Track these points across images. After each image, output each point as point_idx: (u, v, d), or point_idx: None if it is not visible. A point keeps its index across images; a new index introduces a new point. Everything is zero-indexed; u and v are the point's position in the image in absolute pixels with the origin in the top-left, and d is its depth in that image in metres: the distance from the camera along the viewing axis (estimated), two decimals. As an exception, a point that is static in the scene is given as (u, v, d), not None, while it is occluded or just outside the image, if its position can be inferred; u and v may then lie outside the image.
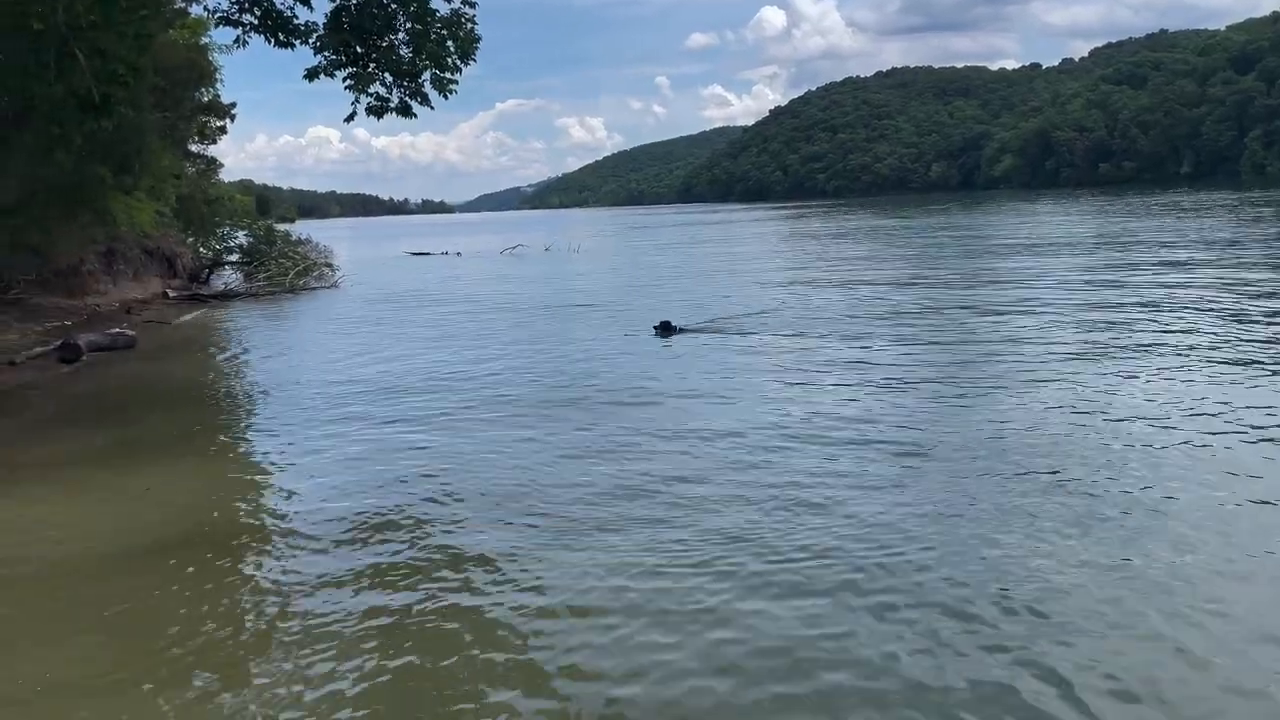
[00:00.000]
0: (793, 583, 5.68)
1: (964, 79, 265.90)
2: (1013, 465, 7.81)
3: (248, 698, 4.64)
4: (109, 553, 6.74)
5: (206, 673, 4.92)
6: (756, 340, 15.44)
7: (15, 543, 6.95)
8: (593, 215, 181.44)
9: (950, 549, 6.07)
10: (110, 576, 6.30)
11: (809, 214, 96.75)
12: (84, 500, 8.07)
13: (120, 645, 5.29)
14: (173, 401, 13.32)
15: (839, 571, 5.80)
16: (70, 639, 5.37)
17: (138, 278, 28.14)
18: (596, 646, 4.94)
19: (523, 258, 46.44)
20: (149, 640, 5.32)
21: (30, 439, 10.64)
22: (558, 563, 6.10)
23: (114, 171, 21.90)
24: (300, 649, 5.09)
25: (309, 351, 17.45)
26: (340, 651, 5.01)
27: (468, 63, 15.97)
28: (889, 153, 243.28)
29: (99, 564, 6.53)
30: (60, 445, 10.19)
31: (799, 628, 5.05)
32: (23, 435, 10.91)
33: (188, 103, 29.33)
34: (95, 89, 14.43)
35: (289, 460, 9.34)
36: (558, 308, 22.30)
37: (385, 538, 6.78)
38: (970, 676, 4.52)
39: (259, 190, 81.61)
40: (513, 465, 8.57)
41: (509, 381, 13.06)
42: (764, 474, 7.87)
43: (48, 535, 7.10)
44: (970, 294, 20.32)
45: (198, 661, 5.05)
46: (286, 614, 5.59)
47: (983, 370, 12.08)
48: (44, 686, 4.81)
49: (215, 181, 36.42)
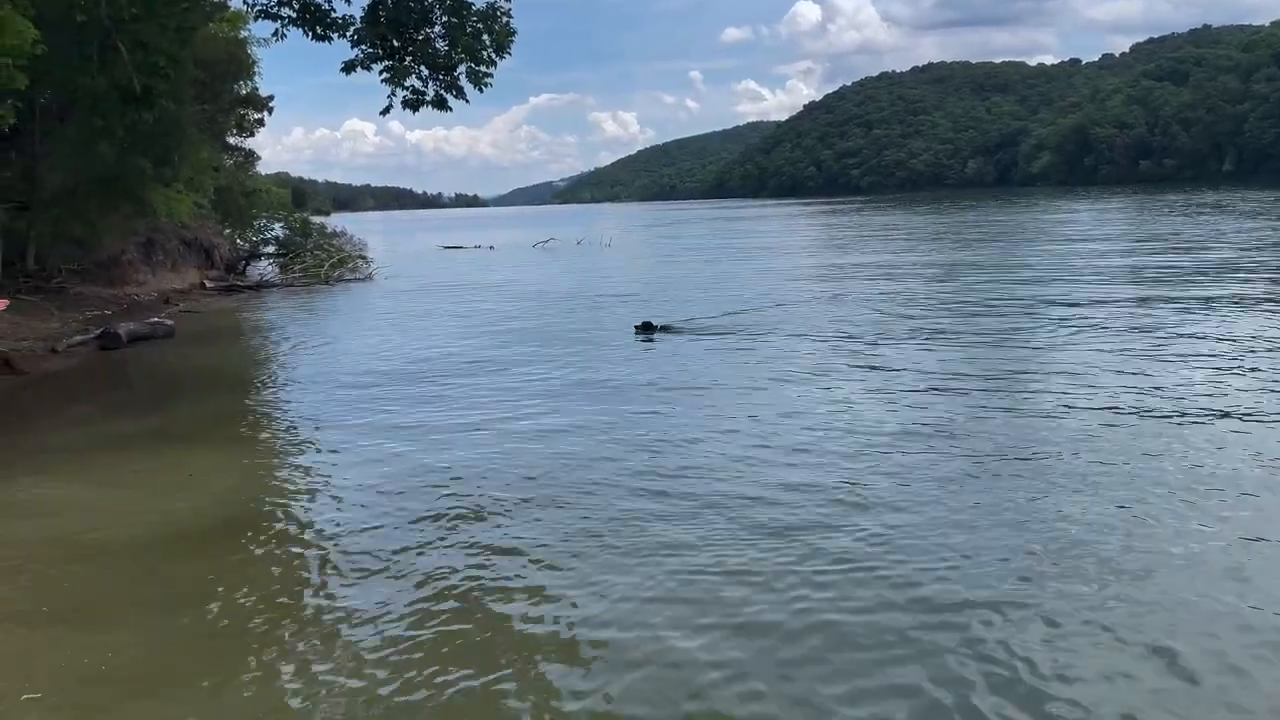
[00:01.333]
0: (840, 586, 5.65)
1: (1002, 74, 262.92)
2: (1050, 465, 7.72)
3: (285, 683, 4.70)
4: (148, 537, 6.84)
5: (245, 657, 4.99)
6: (734, 339, 15.24)
7: (58, 525, 7.07)
8: (624, 210, 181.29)
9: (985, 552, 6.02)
10: (150, 560, 6.40)
11: (842, 210, 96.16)
12: (124, 486, 8.19)
13: (160, 627, 5.37)
14: (210, 389, 13.50)
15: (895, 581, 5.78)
16: (111, 619, 5.46)
17: (176, 268, 28.52)
18: (632, 642, 4.93)
19: (555, 252, 46.55)
20: (188, 622, 5.40)
21: (72, 425, 10.84)
22: (593, 556, 6.11)
23: (154, 163, 22.23)
24: (336, 636, 5.16)
25: (343, 342, 17.61)
26: (377, 641, 5.06)
27: (503, 56, 16.04)
28: (924, 149, 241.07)
29: (139, 547, 6.64)
30: (100, 431, 10.37)
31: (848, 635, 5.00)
32: (65, 421, 11.11)
33: (226, 95, 29.70)
34: (137, 81, 14.65)
35: (324, 448, 9.45)
36: (591, 299, 22.30)
37: (419, 525, 6.84)
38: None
39: (295, 183, 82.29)
40: (547, 454, 8.61)
41: (542, 371, 13.11)
42: (784, 472, 7.85)
43: (89, 519, 7.22)
44: (1001, 294, 20.07)
45: (235, 645, 5.11)
46: (322, 600, 5.65)
47: (1010, 370, 11.95)
48: (85, 666, 4.89)
49: (252, 174, 36.82)
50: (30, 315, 18.37)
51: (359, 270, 32.90)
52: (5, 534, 6.94)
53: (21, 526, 7.10)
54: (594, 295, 23.55)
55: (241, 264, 33.50)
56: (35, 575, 6.15)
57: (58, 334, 17.21)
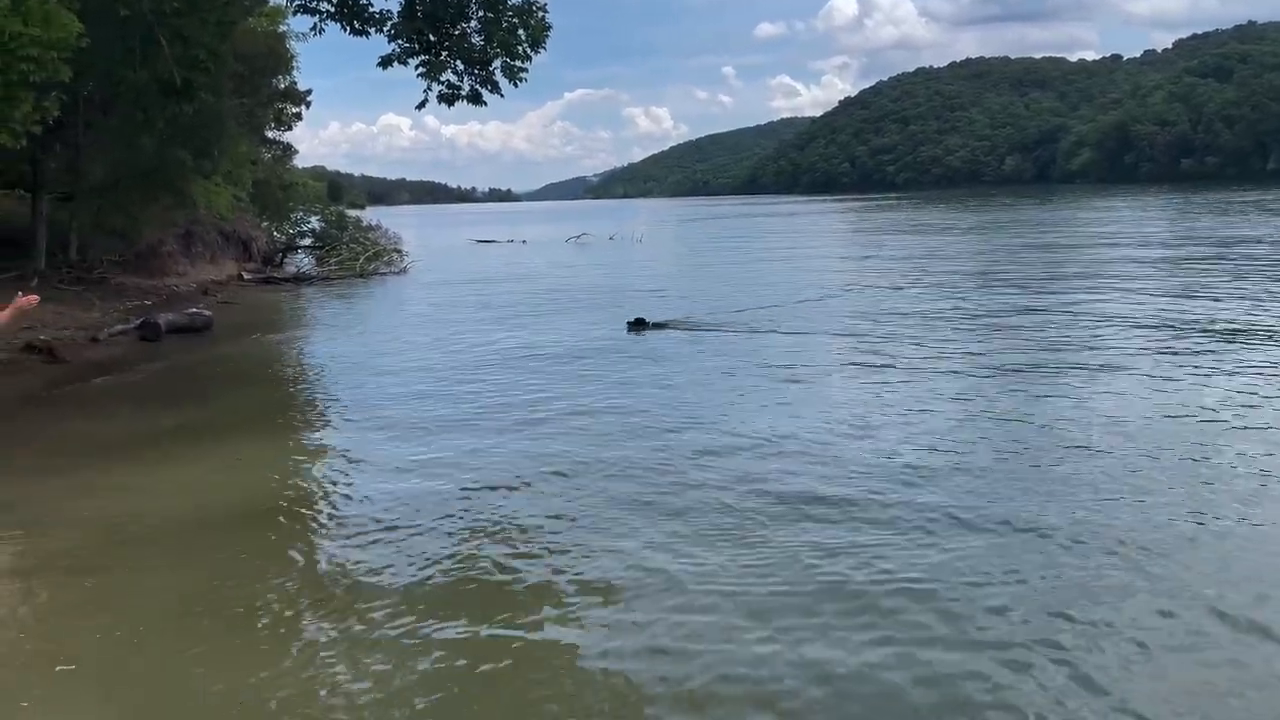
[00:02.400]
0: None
1: (1041, 70, 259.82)
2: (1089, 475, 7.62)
3: (322, 666, 4.75)
4: (189, 520, 6.95)
5: (279, 632, 5.10)
6: (732, 336, 15.16)
7: (101, 509, 7.20)
8: (657, 205, 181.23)
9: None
10: (190, 542, 6.50)
11: (877, 207, 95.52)
12: (164, 471, 8.32)
13: (201, 607, 5.47)
14: (248, 380, 13.67)
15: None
16: (150, 597, 5.56)
17: (214, 260, 28.89)
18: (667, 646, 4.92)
19: (587, 246, 46.65)
20: (225, 600, 5.51)
21: (113, 413, 11.02)
22: (632, 554, 6.08)
23: (194, 156, 22.53)
24: (372, 623, 5.19)
25: (378, 333, 17.76)
26: (413, 631, 5.09)
27: (538, 51, 16.13)
28: (961, 145, 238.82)
29: (180, 530, 6.74)
30: (140, 419, 10.53)
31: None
32: (106, 409, 11.30)
33: (265, 89, 30.02)
34: (178, 74, 14.89)
35: (360, 437, 9.54)
36: (620, 294, 22.29)
37: (455, 518, 6.87)
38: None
39: (331, 176, 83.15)
40: (587, 449, 8.61)
41: (571, 363, 13.15)
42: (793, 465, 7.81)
43: (131, 503, 7.34)
44: (1034, 297, 19.84)
45: (270, 622, 5.20)
46: (358, 589, 5.70)
47: (1041, 374, 11.81)
48: (119, 640, 5.00)
49: (290, 167, 37.24)
50: (72, 305, 18.67)
51: (393, 264, 33.16)
52: (54, 516, 7.08)
53: (67, 509, 7.24)
54: (624, 290, 23.55)
55: (278, 256, 33.87)
56: (81, 555, 6.28)
57: (99, 323, 17.49)
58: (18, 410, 10.82)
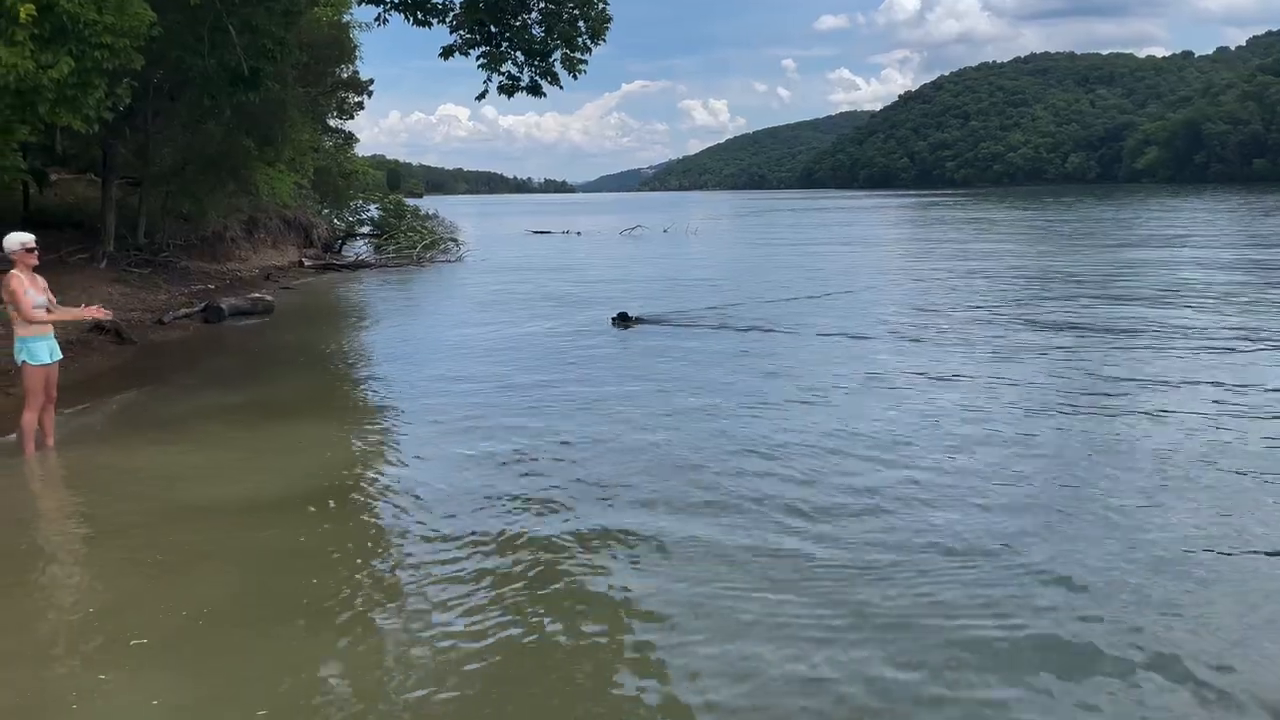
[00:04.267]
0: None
1: (1109, 66, 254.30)
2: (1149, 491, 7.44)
3: (369, 649, 4.83)
4: (249, 500, 7.09)
5: (334, 613, 5.18)
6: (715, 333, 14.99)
7: (168, 488, 7.39)
8: (712, 198, 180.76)
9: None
10: (250, 521, 6.64)
11: (937, 203, 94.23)
12: (224, 453, 8.50)
13: (258, 584, 5.62)
14: (307, 364, 13.91)
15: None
16: (212, 574, 5.71)
17: (276, 246, 29.46)
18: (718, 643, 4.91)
19: (641, 239, 46.67)
20: (282, 579, 5.65)
21: (177, 394, 11.28)
22: (684, 544, 6.08)
23: (258, 143, 22.95)
24: (421, 609, 5.27)
25: (433, 320, 17.97)
26: (459, 618, 5.14)
27: (598, 42, 16.12)
28: (1023, 142, 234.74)
29: (240, 510, 6.88)
30: (204, 401, 10.76)
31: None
32: (171, 391, 11.57)
33: (328, 78, 30.45)
34: (245, 63, 15.15)
35: (417, 422, 9.67)
36: (671, 286, 22.26)
37: (507, 505, 6.92)
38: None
39: (390, 165, 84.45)
40: (641, 437, 8.62)
41: (619, 353, 13.17)
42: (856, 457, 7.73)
43: (192, 485, 7.51)
44: (1093, 306, 19.37)
45: (325, 606, 5.29)
46: (409, 566, 5.80)
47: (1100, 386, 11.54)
48: (187, 616, 5.13)
49: (350, 155, 37.75)
50: (139, 287, 19.16)
51: (450, 252, 33.52)
52: (121, 493, 7.30)
53: (135, 487, 7.45)
54: (675, 282, 23.51)
55: (338, 243, 34.41)
56: (147, 531, 6.45)
57: (165, 306, 17.92)
58: (86, 389, 11.12)
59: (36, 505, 7.47)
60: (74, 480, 7.82)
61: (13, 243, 8.14)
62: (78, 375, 11.77)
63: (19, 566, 6.02)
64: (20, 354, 8.11)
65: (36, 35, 10.21)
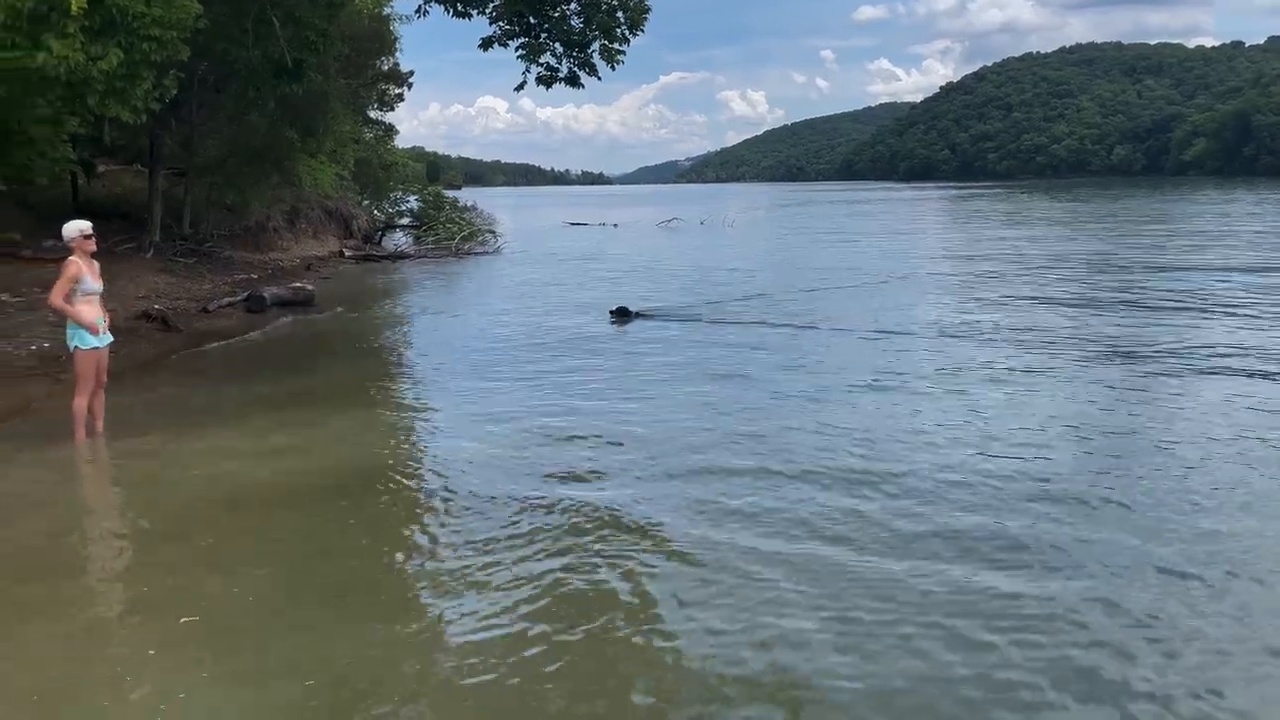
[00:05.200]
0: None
1: (1157, 56, 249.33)
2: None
3: (412, 630, 4.91)
4: (292, 486, 7.23)
5: (377, 599, 5.28)
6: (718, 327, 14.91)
7: (208, 474, 7.53)
8: (750, 190, 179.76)
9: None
10: (294, 509, 6.76)
11: (980, 195, 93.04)
12: (267, 439, 8.62)
13: (304, 565, 5.75)
14: (348, 353, 14.09)
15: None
16: (257, 557, 5.83)
17: (317, 236, 29.83)
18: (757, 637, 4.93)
19: (678, 230, 46.60)
20: (323, 564, 5.75)
21: (221, 380, 11.48)
22: (720, 540, 6.09)
23: (301, 134, 23.24)
24: (462, 591, 5.35)
25: (471, 310, 18.08)
26: (501, 602, 5.20)
27: (636, 33, 16.16)
28: (1068, 133, 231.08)
29: (283, 495, 7.02)
30: (247, 387, 10.94)
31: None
32: (215, 377, 11.78)
33: (369, 70, 30.73)
34: (289, 54, 15.35)
35: (456, 409, 9.79)
36: (704, 277, 22.24)
37: (545, 493, 6.98)
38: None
39: (429, 157, 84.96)
40: (676, 429, 8.64)
41: (668, 345, 13.18)
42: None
43: (237, 469, 7.66)
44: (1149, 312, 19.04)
45: (370, 588, 5.42)
46: (451, 555, 5.86)
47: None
48: (234, 596, 5.26)
49: (390, 147, 38.05)
50: (184, 276, 19.50)
51: (488, 244, 33.70)
52: (168, 478, 7.47)
53: (182, 471, 7.61)
54: (710, 270, 23.47)
55: (378, 234, 34.73)
56: (195, 514, 6.59)
57: (209, 295, 18.23)
58: (133, 375, 11.35)
59: (87, 489, 7.67)
60: (123, 465, 8.00)
61: (71, 230, 8.36)
62: (125, 362, 11.99)
63: (70, 547, 6.20)
64: (73, 339, 8.30)
65: (86, 28, 10.43)
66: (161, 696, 4.21)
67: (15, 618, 5.04)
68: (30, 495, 7.07)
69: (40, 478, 7.51)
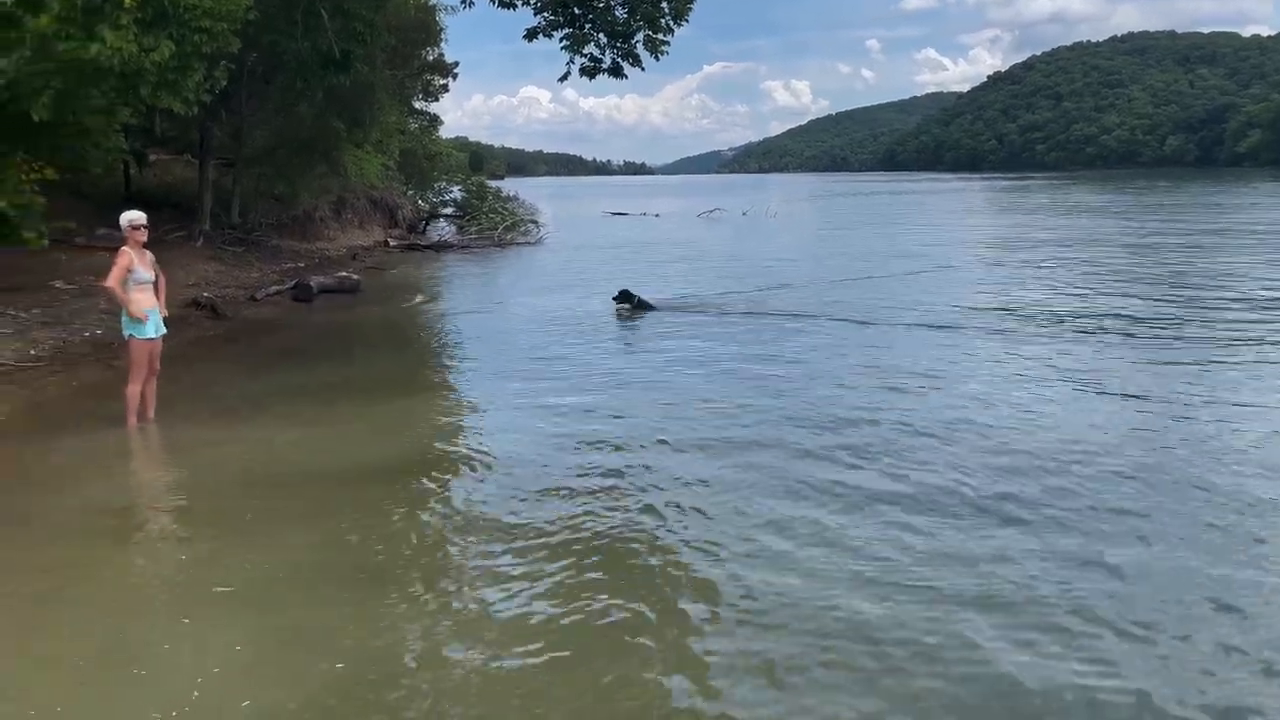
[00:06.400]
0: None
1: (1211, 45, 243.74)
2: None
3: (446, 612, 4.97)
4: (335, 472, 7.31)
5: (412, 580, 5.36)
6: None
7: (251, 458, 7.67)
8: (793, 180, 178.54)
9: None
10: (337, 491, 6.84)
11: (1029, 186, 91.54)
12: (312, 425, 8.75)
13: (340, 546, 5.85)
14: (391, 342, 14.22)
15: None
16: (292, 535, 5.97)
17: (363, 226, 30.10)
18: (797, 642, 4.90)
19: (720, 221, 46.43)
20: (366, 546, 5.84)
21: (270, 369, 11.64)
22: (763, 526, 6.07)
23: (347, 125, 23.44)
24: (496, 575, 5.40)
25: (514, 300, 18.13)
26: (535, 586, 5.24)
27: (680, 23, 16.10)
28: (1118, 124, 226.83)
29: (326, 480, 7.12)
30: (294, 375, 11.10)
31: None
32: (263, 364, 11.95)
33: (415, 61, 30.92)
34: (337, 46, 15.49)
35: (499, 398, 9.85)
36: (750, 268, 22.12)
37: (583, 479, 7.00)
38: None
39: (472, 147, 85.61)
40: (717, 421, 8.62)
41: (711, 339, 13.14)
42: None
43: (280, 454, 7.80)
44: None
45: (406, 569, 5.50)
46: (487, 540, 5.91)
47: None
48: (269, 569, 5.41)
49: (435, 138, 38.27)
50: (233, 265, 19.80)
51: (530, 234, 33.80)
52: (214, 462, 7.60)
53: (228, 456, 7.74)
54: (754, 260, 23.34)
55: (422, 224, 34.97)
56: (238, 496, 6.74)
57: (257, 283, 18.49)
58: (183, 362, 11.52)
59: (137, 472, 7.83)
60: (172, 449, 8.14)
61: (122, 221, 8.57)
62: (176, 349, 12.17)
63: (117, 521, 6.40)
64: (127, 328, 8.46)
65: (139, 20, 10.59)
66: (196, 666, 4.33)
67: (63, 583, 5.30)
68: (82, 474, 7.28)
69: (93, 458, 7.71)
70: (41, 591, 5.21)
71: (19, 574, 5.43)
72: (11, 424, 8.72)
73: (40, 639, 4.67)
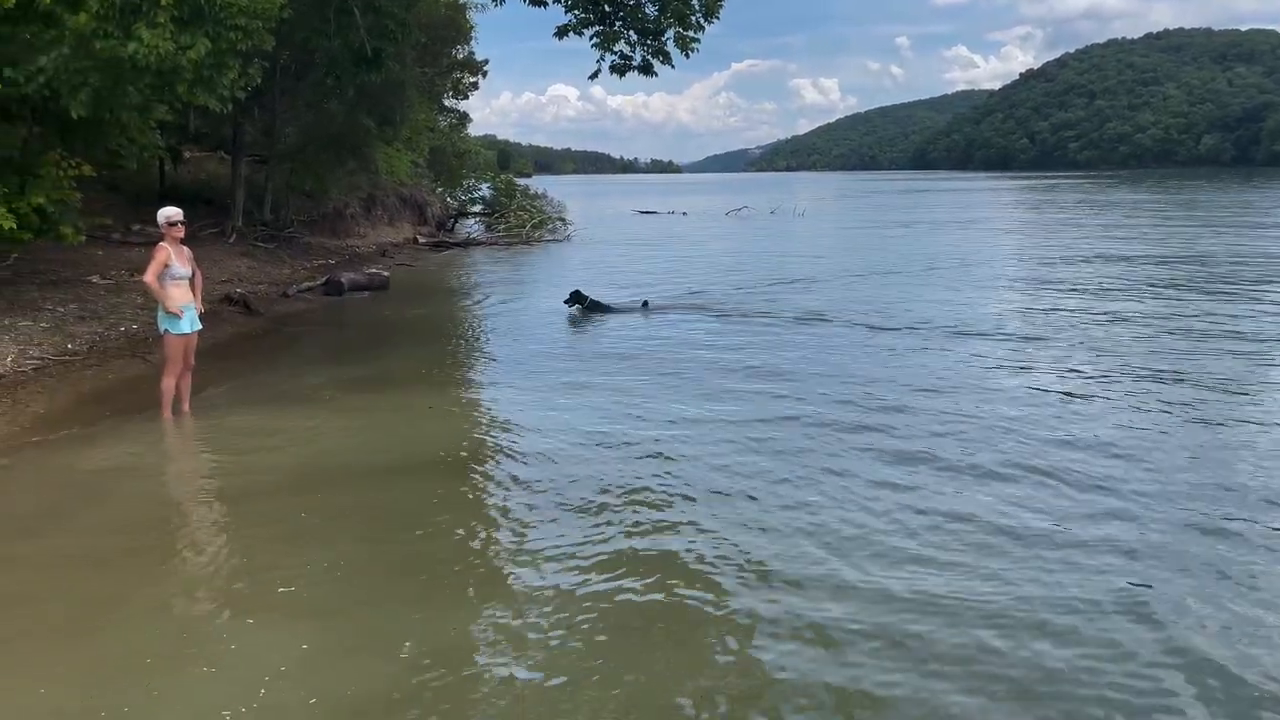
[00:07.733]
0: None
1: (1248, 42, 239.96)
2: None
3: (495, 604, 5.02)
4: (375, 467, 7.37)
5: (464, 574, 5.45)
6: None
7: (292, 453, 7.74)
8: (821, 179, 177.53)
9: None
10: (378, 488, 6.90)
11: (1061, 186, 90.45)
12: (347, 420, 8.80)
13: (391, 541, 5.93)
14: (422, 338, 14.27)
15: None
16: (343, 535, 5.98)
17: (392, 223, 30.28)
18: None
19: (748, 219, 46.30)
20: (415, 540, 5.92)
21: (303, 364, 11.73)
22: (791, 541, 6.01)
23: (378, 122, 23.57)
24: (541, 567, 5.46)
25: (543, 297, 18.14)
26: (579, 579, 5.28)
27: (711, 20, 16.01)
28: (1153, 122, 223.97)
29: (364, 475, 7.17)
30: (327, 370, 11.16)
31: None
32: (298, 361, 12.04)
33: (445, 59, 31.06)
34: (368, 43, 15.53)
35: (530, 392, 9.91)
36: (775, 267, 22.05)
37: (617, 474, 7.01)
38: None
39: (500, 145, 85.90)
40: (749, 427, 8.57)
41: (741, 340, 13.09)
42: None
43: (321, 449, 7.87)
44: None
45: (455, 563, 5.60)
46: (530, 533, 5.98)
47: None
48: (324, 570, 5.45)
49: (464, 135, 38.43)
50: (265, 261, 19.97)
51: (558, 231, 33.86)
52: (253, 456, 7.70)
53: (266, 450, 7.84)
54: (784, 258, 23.25)
55: (451, 221, 35.14)
56: (282, 491, 6.81)
57: (288, 279, 18.65)
58: (217, 357, 11.64)
59: (175, 466, 7.91)
60: (209, 443, 8.23)
61: (159, 217, 8.72)
62: (209, 344, 12.32)
63: (164, 522, 6.42)
64: (163, 323, 8.56)
65: (176, 18, 10.68)
66: (262, 667, 4.33)
67: (119, 584, 5.31)
68: (123, 468, 7.38)
69: (131, 451, 7.82)
70: (102, 590, 5.20)
71: (77, 569, 5.46)
72: (51, 418, 8.84)
73: (106, 639, 4.67)
